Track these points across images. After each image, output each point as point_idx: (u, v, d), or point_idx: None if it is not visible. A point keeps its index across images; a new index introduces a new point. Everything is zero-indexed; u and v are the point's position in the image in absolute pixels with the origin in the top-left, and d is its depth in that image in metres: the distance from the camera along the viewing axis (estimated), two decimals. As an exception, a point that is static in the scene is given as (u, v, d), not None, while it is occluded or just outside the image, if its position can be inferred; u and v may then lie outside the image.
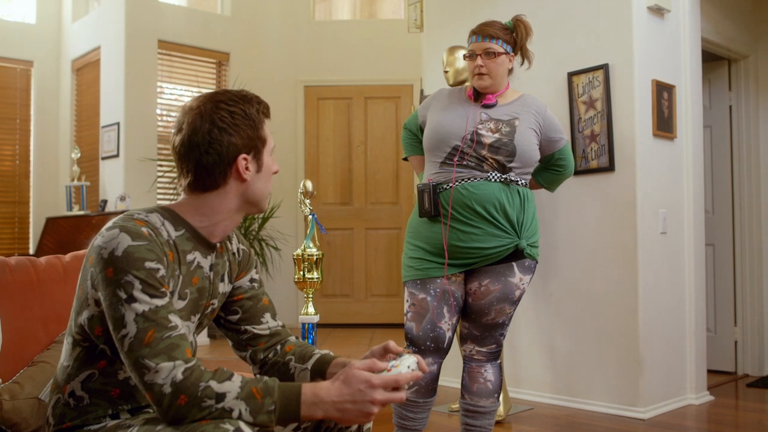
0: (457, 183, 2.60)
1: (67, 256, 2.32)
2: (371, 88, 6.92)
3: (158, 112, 6.36)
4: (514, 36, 2.76)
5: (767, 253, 5.07)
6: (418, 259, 2.68)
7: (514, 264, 2.66)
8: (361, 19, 7.47)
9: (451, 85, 3.92)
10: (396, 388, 1.42)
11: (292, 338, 1.78)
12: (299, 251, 2.43)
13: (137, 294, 1.38)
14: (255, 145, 1.54)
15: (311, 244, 2.44)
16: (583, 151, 4.08)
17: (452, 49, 4.03)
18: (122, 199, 5.84)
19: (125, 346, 1.37)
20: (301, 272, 2.40)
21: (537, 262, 2.76)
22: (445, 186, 2.62)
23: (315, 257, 2.42)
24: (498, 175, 2.62)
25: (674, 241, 4.15)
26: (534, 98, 2.84)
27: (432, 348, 2.65)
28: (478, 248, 2.60)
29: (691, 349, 4.21)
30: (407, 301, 2.71)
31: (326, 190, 6.80)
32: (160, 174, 6.21)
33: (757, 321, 5.06)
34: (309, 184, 2.43)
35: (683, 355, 4.19)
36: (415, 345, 2.66)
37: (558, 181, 3.01)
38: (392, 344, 1.58)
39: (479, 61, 2.70)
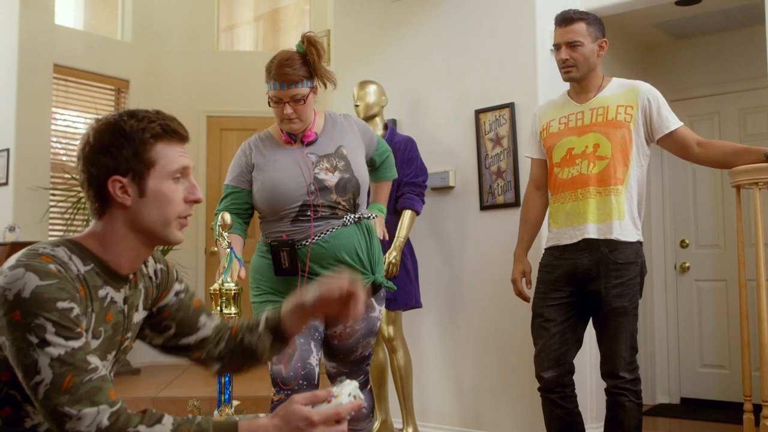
0: (316, 237, 2.52)
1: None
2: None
3: (52, 139, 6.09)
4: (308, 61, 2.54)
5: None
6: (279, 302, 2.58)
7: (372, 299, 2.66)
8: (264, 51, 7.43)
9: (363, 119, 3.94)
10: (337, 420, 1.37)
11: (232, 323, 1.74)
12: (216, 286, 2.36)
13: (51, 337, 1.26)
14: (133, 167, 1.42)
15: (229, 279, 2.37)
16: (489, 187, 4.18)
17: (363, 84, 4.05)
18: (11, 229, 5.53)
19: (40, 393, 1.25)
20: (218, 308, 2.33)
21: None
22: (303, 243, 2.53)
23: (233, 292, 2.36)
24: (351, 216, 2.58)
25: (575, 275, 4.28)
26: (334, 113, 2.77)
27: (305, 386, 2.51)
28: None
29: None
30: None
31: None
32: (53, 204, 5.93)
33: (650, 352, 5.29)
34: (228, 217, 2.37)
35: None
36: (286, 387, 2.51)
37: (392, 165, 3.03)
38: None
39: (288, 109, 2.53)
